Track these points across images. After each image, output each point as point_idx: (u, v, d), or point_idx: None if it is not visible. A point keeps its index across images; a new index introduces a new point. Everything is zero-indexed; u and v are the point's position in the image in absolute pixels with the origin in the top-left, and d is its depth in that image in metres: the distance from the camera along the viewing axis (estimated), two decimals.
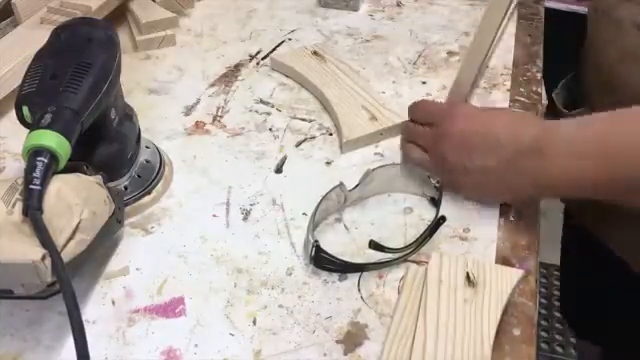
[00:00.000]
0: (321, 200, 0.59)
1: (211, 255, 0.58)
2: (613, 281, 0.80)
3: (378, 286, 0.55)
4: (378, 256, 0.56)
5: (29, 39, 0.79)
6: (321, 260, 0.55)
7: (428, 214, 0.62)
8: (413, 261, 0.57)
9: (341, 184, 0.60)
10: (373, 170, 0.61)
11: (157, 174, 0.64)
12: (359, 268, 0.56)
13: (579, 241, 0.86)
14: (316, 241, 0.55)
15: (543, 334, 1.57)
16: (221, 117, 0.75)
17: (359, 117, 0.71)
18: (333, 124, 0.73)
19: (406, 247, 0.56)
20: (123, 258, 0.58)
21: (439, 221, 0.57)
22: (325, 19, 0.93)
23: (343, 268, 0.56)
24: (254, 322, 0.52)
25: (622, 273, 0.73)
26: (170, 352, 0.50)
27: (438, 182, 0.61)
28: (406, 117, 0.72)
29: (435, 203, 0.62)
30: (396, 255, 0.56)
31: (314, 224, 0.58)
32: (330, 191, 0.59)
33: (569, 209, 0.88)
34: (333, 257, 0.55)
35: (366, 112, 0.72)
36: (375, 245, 0.55)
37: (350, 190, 0.61)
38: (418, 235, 0.57)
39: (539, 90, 0.77)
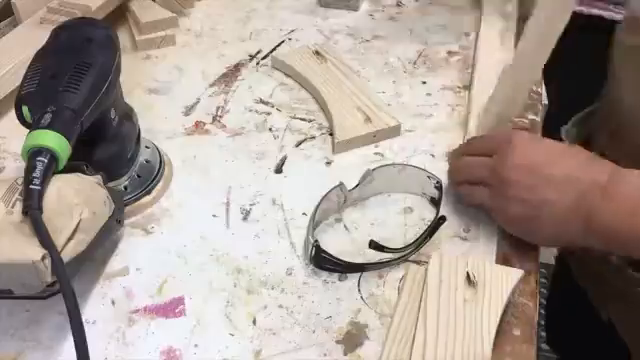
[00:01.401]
0: (321, 200, 0.59)
1: (211, 255, 0.58)
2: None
3: (378, 286, 0.55)
4: (379, 256, 0.56)
5: (29, 39, 0.79)
6: (321, 260, 0.55)
7: (428, 214, 0.62)
8: (413, 261, 0.57)
9: (341, 184, 0.60)
10: (373, 170, 0.61)
11: (157, 174, 0.64)
12: (359, 268, 0.56)
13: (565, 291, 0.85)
14: (316, 241, 0.55)
15: (543, 334, 1.56)
16: (221, 117, 0.75)
17: (353, 118, 0.71)
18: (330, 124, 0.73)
19: (406, 247, 0.56)
20: (123, 258, 0.58)
21: (439, 221, 0.57)
22: (325, 19, 0.93)
23: (343, 268, 0.56)
24: (254, 322, 0.52)
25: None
26: (170, 352, 0.50)
27: (438, 182, 0.61)
28: (403, 118, 0.72)
29: (435, 203, 0.62)
30: (396, 255, 0.56)
31: (314, 224, 0.58)
32: (330, 191, 0.59)
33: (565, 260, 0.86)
34: (333, 257, 0.55)
35: (361, 114, 0.72)
36: (375, 245, 0.55)
37: (350, 190, 0.61)
38: (418, 235, 0.57)
39: (539, 90, 0.77)
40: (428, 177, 0.62)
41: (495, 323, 0.49)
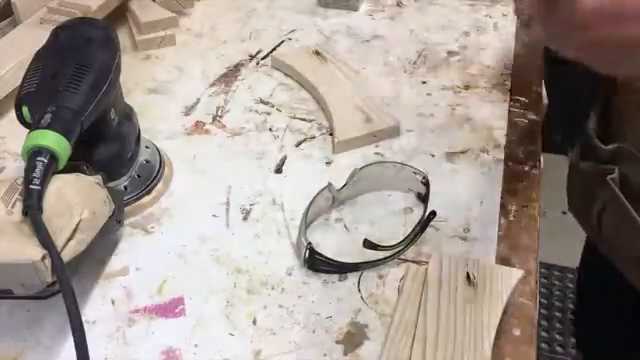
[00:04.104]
0: (311, 202, 0.59)
1: (211, 255, 0.58)
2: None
3: (378, 286, 0.55)
4: (378, 255, 0.56)
5: (29, 39, 0.79)
6: (315, 262, 0.55)
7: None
8: (413, 261, 0.57)
9: (329, 185, 0.60)
10: (360, 169, 0.62)
11: (157, 174, 0.64)
12: (353, 268, 0.56)
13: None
14: (309, 243, 0.55)
15: (543, 334, 1.57)
16: (221, 117, 0.75)
17: (353, 118, 0.71)
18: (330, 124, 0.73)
19: (399, 244, 0.56)
20: (123, 258, 0.58)
21: (429, 216, 0.57)
22: (325, 19, 0.93)
23: (337, 269, 0.56)
24: (254, 322, 0.52)
25: None
26: (170, 352, 0.50)
27: (424, 178, 0.62)
28: (403, 118, 0.72)
29: (422, 199, 0.62)
30: (389, 252, 0.56)
31: (306, 225, 0.58)
32: (319, 192, 0.59)
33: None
34: (327, 258, 0.55)
35: (361, 113, 0.72)
36: (369, 244, 0.55)
37: (338, 190, 0.61)
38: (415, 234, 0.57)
39: (539, 90, 0.77)
40: (414, 173, 0.62)
41: (495, 323, 0.49)
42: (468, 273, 0.52)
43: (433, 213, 0.58)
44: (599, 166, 0.67)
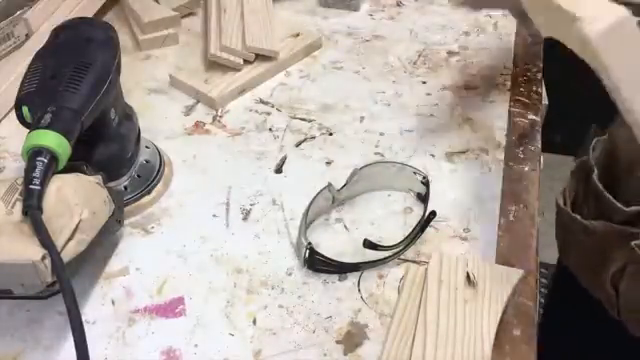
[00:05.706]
0: (311, 202, 0.59)
1: (211, 255, 0.58)
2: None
3: (378, 286, 0.55)
4: (378, 255, 0.56)
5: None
6: (315, 262, 0.55)
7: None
8: (413, 261, 0.57)
9: (329, 185, 0.60)
10: (360, 169, 0.62)
11: (157, 174, 0.64)
12: (353, 268, 0.56)
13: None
14: (309, 243, 0.55)
15: None
16: (221, 117, 0.75)
17: None
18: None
19: (399, 244, 0.56)
20: (123, 258, 0.58)
21: (429, 216, 0.57)
22: (325, 19, 0.93)
23: (337, 269, 0.56)
24: (254, 322, 0.52)
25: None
26: (170, 352, 0.50)
27: (424, 178, 0.62)
28: (403, 118, 0.72)
29: (422, 199, 0.62)
30: (389, 252, 0.56)
31: (306, 225, 0.58)
32: (319, 192, 0.59)
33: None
34: (327, 258, 0.55)
35: None
36: (369, 244, 0.55)
37: (338, 190, 0.61)
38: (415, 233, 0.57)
39: (539, 90, 0.77)
40: (414, 173, 0.62)
41: (495, 323, 0.49)
42: (468, 273, 0.52)
43: (433, 213, 0.58)
44: (616, 227, 0.64)
